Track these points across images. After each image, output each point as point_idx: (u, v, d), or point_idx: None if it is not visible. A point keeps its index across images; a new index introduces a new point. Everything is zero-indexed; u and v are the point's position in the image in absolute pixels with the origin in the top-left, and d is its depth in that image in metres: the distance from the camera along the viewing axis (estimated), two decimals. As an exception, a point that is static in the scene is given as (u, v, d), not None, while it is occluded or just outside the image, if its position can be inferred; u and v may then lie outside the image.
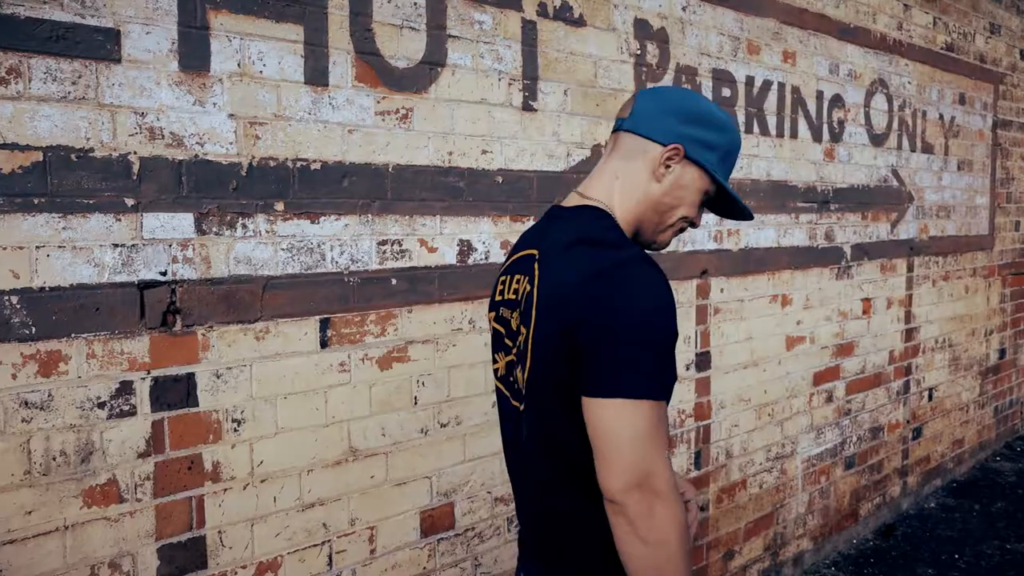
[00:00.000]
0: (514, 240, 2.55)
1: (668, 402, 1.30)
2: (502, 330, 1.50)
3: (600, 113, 2.80)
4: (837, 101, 3.92)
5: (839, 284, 4.03)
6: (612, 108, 2.83)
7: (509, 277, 1.49)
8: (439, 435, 2.40)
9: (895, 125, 4.37)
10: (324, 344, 2.13)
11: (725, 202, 1.49)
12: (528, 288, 1.37)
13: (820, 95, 3.81)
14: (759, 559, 3.67)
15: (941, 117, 4.80)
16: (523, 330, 1.37)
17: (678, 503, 1.24)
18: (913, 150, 4.55)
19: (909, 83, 4.47)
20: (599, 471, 1.24)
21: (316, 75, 2.09)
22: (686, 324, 3.19)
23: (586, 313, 1.24)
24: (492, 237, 2.50)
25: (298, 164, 2.06)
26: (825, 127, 3.84)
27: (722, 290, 3.35)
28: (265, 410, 2.02)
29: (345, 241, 2.16)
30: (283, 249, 2.04)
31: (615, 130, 1.46)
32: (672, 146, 1.38)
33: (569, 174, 2.71)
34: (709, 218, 3.24)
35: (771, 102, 3.52)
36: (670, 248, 3.08)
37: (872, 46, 4.14)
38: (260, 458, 2.02)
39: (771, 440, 3.69)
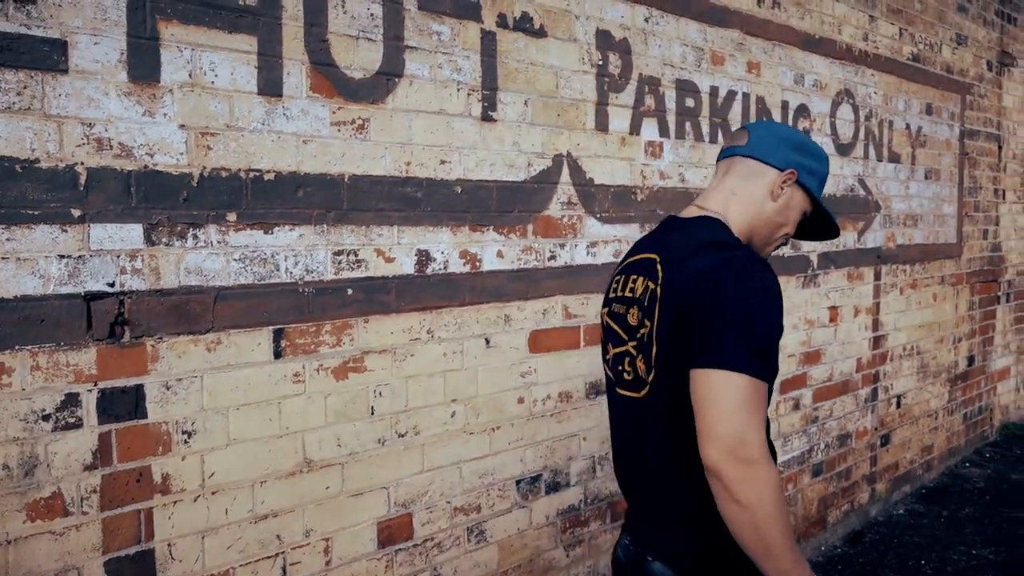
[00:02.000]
0: (474, 250, 2.56)
1: (771, 386, 1.44)
2: (614, 325, 1.68)
3: (561, 123, 2.81)
4: (803, 111, 3.96)
5: (805, 292, 4.06)
6: (573, 118, 2.85)
7: (624, 278, 1.68)
8: (397, 445, 2.40)
9: (861, 135, 4.42)
10: (278, 354, 2.12)
11: (813, 224, 1.74)
12: (652, 286, 1.55)
13: (785, 105, 3.84)
14: (726, 567, 3.68)
15: (908, 127, 4.85)
16: (647, 323, 1.54)
17: (771, 468, 1.36)
18: (880, 159, 4.59)
19: (875, 93, 4.52)
20: (700, 440, 1.38)
21: (270, 85, 2.09)
22: (650, 333, 3.20)
23: (701, 297, 1.42)
24: (451, 247, 2.50)
25: (251, 174, 2.06)
26: (790, 137, 3.87)
27: (687, 299, 3.36)
28: (217, 421, 2.02)
29: (300, 251, 2.16)
30: (235, 260, 2.03)
31: (728, 155, 1.69)
32: (789, 171, 1.62)
33: (530, 184, 2.72)
34: (673, 227, 3.26)
35: (736, 112, 3.55)
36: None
37: (838, 57, 4.18)
38: (212, 470, 2.01)
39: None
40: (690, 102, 3.32)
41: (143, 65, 1.87)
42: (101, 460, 1.83)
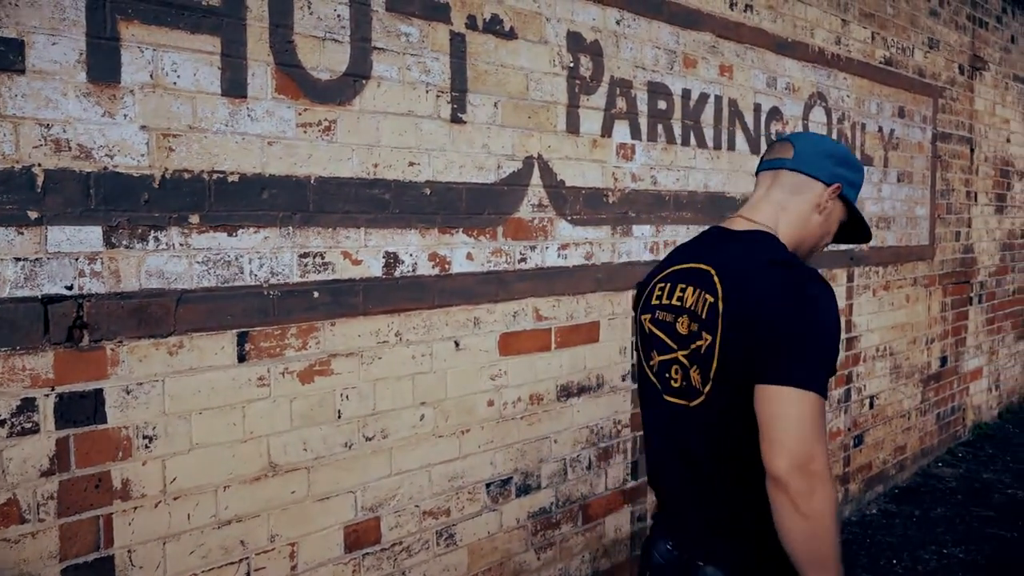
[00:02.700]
0: (443, 252, 2.55)
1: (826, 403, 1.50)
2: (659, 332, 1.71)
3: (532, 125, 2.81)
4: (775, 114, 3.98)
5: (778, 294, 4.07)
6: (544, 120, 2.84)
7: (670, 285, 1.71)
8: (364, 449, 2.38)
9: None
10: (242, 358, 2.10)
11: (847, 229, 1.82)
12: (710, 299, 1.58)
13: (758, 108, 3.86)
14: (698, 568, 3.70)
15: (880, 130, 4.89)
16: (705, 336, 1.56)
17: (833, 485, 1.44)
18: (852, 162, 4.62)
19: (848, 96, 4.55)
20: (766, 452, 1.43)
21: (234, 87, 2.07)
22: (622, 335, 3.21)
23: (771, 316, 1.47)
24: (420, 249, 2.49)
25: (215, 176, 2.04)
26: (763, 139, 3.90)
27: (659, 301, 3.37)
28: (179, 426, 1.99)
29: (264, 254, 2.14)
30: (198, 262, 2.01)
31: (773, 168, 1.73)
32: (836, 185, 1.69)
33: (500, 186, 2.71)
34: (644, 229, 3.27)
35: (708, 115, 3.57)
36: (604, 259, 3.10)
37: (810, 60, 4.21)
38: (173, 475, 1.99)
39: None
40: (662, 104, 3.33)
41: (103, 66, 1.85)
42: (59, 466, 1.81)
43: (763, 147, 3.89)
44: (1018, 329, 7.10)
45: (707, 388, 1.57)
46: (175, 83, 1.96)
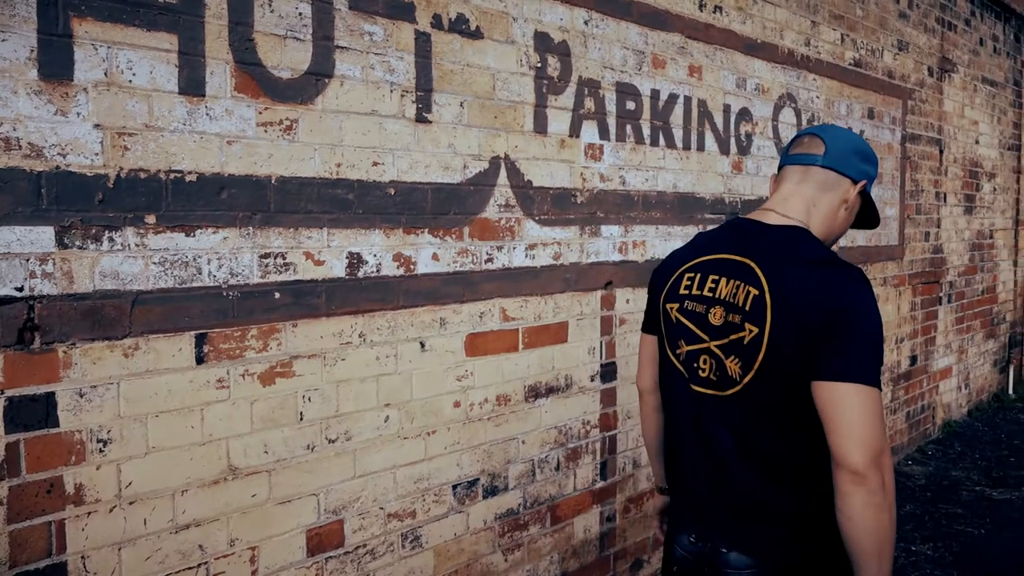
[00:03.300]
0: (408, 252, 2.53)
1: None
2: (688, 322, 1.75)
3: (499, 125, 2.80)
4: (745, 115, 3.99)
5: (748, 294, 4.09)
6: (511, 120, 2.83)
7: (699, 275, 1.75)
8: (327, 451, 2.36)
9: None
10: (200, 360, 2.08)
11: (858, 217, 1.88)
12: (754, 292, 1.62)
13: (727, 109, 3.87)
14: (668, 568, 3.70)
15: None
16: (749, 328, 1.61)
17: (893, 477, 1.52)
18: (822, 163, 4.64)
19: (817, 98, 4.58)
20: (840, 446, 1.48)
21: (192, 85, 2.04)
22: (590, 335, 3.21)
23: (830, 315, 1.53)
24: (384, 249, 2.47)
25: (172, 176, 2.01)
26: (733, 140, 3.91)
27: (628, 301, 3.37)
28: (135, 429, 1.96)
29: (224, 255, 2.11)
30: (155, 263, 1.98)
31: (803, 163, 1.75)
32: (863, 182, 1.76)
33: (466, 186, 2.70)
34: (613, 230, 3.27)
35: (677, 115, 3.57)
36: (572, 260, 3.09)
37: (780, 61, 4.23)
38: (129, 479, 1.96)
39: (680, 449, 3.72)
40: (631, 105, 3.33)
41: (55, 63, 1.82)
42: (8, 470, 1.77)
43: (733, 148, 3.91)
44: (987, 328, 7.19)
45: (747, 378, 1.61)
46: (130, 81, 1.93)
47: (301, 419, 2.29)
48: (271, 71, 2.19)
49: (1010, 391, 7.68)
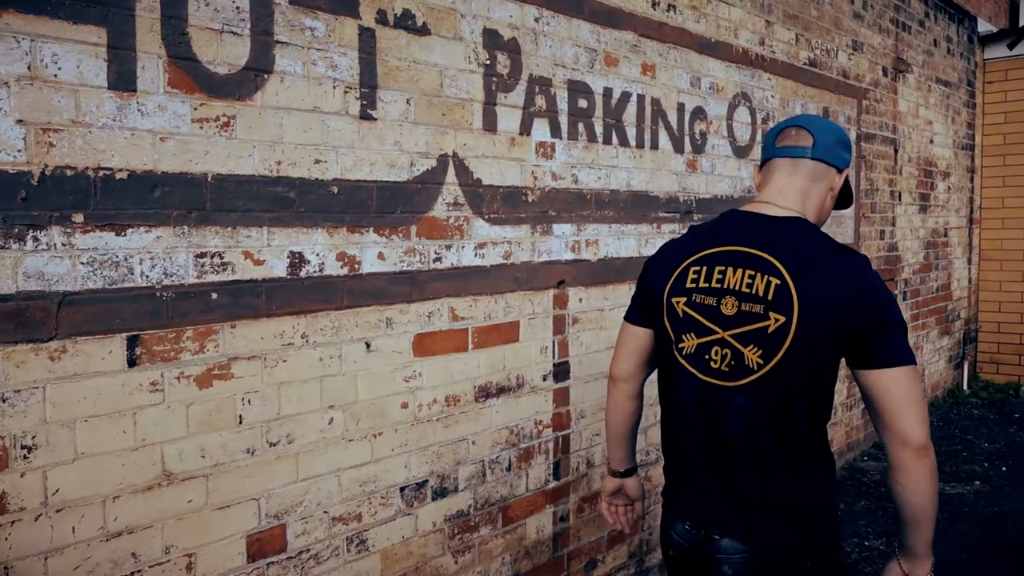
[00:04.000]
0: (353, 251, 2.49)
1: None
2: (696, 315, 1.79)
3: (447, 123, 2.76)
4: (699, 113, 4.00)
5: (703, 293, 4.10)
6: (460, 118, 2.80)
7: (706, 268, 1.79)
8: (268, 454, 2.31)
9: (759, 137, 4.49)
10: (132, 363, 2.02)
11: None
12: (776, 282, 1.68)
13: (681, 107, 3.88)
14: (623, 567, 3.70)
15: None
16: (775, 317, 1.67)
17: None
18: (777, 162, 4.67)
19: (772, 97, 4.61)
20: (903, 425, 1.60)
21: (122, 80, 1.98)
22: (543, 335, 3.19)
23: (866, 302, 1.64)
24: (327, 249, 2.43)
25: (101, 173, 1.95)
26: (687, 139, 3.92)
27: (581, 300, 3.36)
28: (62, 435, 1.90)
29: (157, 254, 2.06)
30: (83, 263, 1.92)
31: (793, 156, 1.83)
32: (847, 170, 1.88)
33: (413, 184, 2.66)
34: (565, 228, 3.25)
35: (630, 113, 3.57)
36: (524, 259, 3.07)
37: (734, 60, 4.24)
38: (56, 486, 1.89)
39: (636, 448, 3.71)
40: (583, 103, 3.31)
41: (-27, 56, 1.75)
42: (-76, 479, 1.71)
43: (687, 147, 3.91)
44: (942, 325, 7.30)
45: (768, 367, 1.68)
46: (56, 76, 1.87)
47: (240, 422, 2.24)
48: (207, 66, 2.14)
49: (965, 387, 7.81)
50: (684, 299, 1.82)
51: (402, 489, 2.69)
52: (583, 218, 3.34)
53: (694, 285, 1.81)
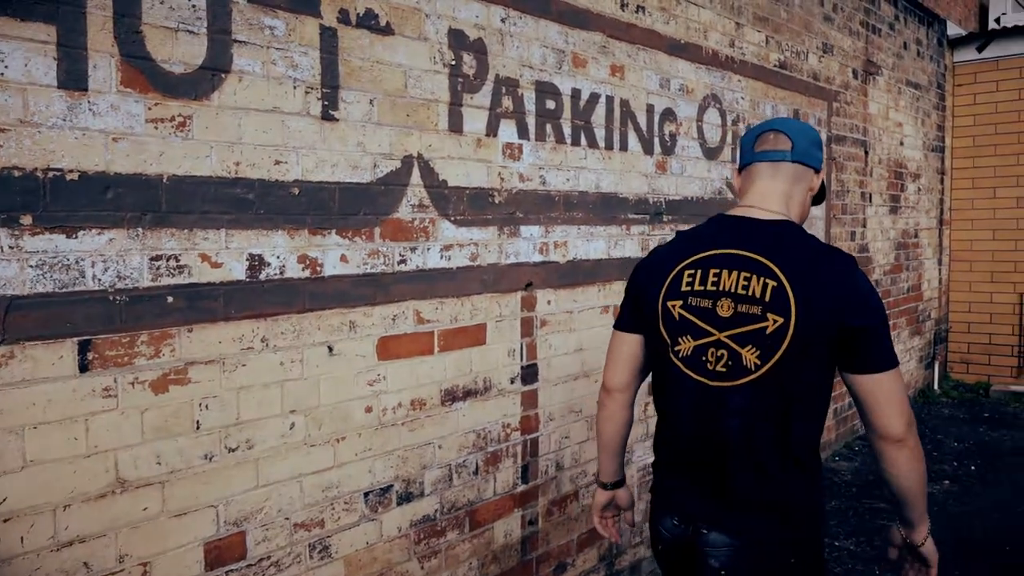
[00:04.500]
0: (314, 254, 2.45)
1: None
2: (693, 317, 1.82)
3: (412, 124, 2.73)
4: (669, 115, 4.00)
5: (674, 294, 4.10)
6: (425, 119, 2.78)
7: (700, 271, 1.83)
8: (227, 460, 2.27)
9: (729, 139, 4.50)
10: (84, 368, 1.97)
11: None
12: (772, 284, 1.73)
13: (651, 109, 3.87)
14: (594, 570, 3.69)
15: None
16: (773, 318, 1.72)
17: None
18: (748, 163, 4.69)
19: (743, 99, 4.62)
20: (886, 420, 1.72)
21: (73, 79, 1.94)
22: (510, 337, 3.17)
23: (858, 307, 1.71)
24: (288, 251, 2.39)
25: (51, 174, 1.90)
26: (657, 140, 3.91)
27: (549, 302, 3.34)
28: (9, 442, 1.85)
29: (110, 257, 2.01)
30: (32, 266, 1.88)
31: (773, 160, 1.89)
32: (822, 171, 1.97)
33: (377, 185, 2.63)
34: (533, 230, 3.23)
35: (599, 115, 3.55)
36: (491, 261, 3.05)
37: (704, 62, 4.25)
38: (3, 495, 1.85)
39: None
40: (551, 104, 3.30)
41: (-85, 53, 1.70)
42: None
43: (657, 148, 3.91)
44: (913, 325, 7.36)
45: (766, 366, 1.73)
46: (2, 74, 1.82)
47: (198, 428, 2.20)
48: (162, 65, 2.10)
49: (936, 387, 7.89)
50: (680, 302, 1.85)
51: (366, 494, 2.66)
52: (551, 220, 3.32)
53: (689, 288, 1.84)
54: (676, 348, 1.85)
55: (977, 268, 7.98)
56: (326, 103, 2.48)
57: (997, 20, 8.90)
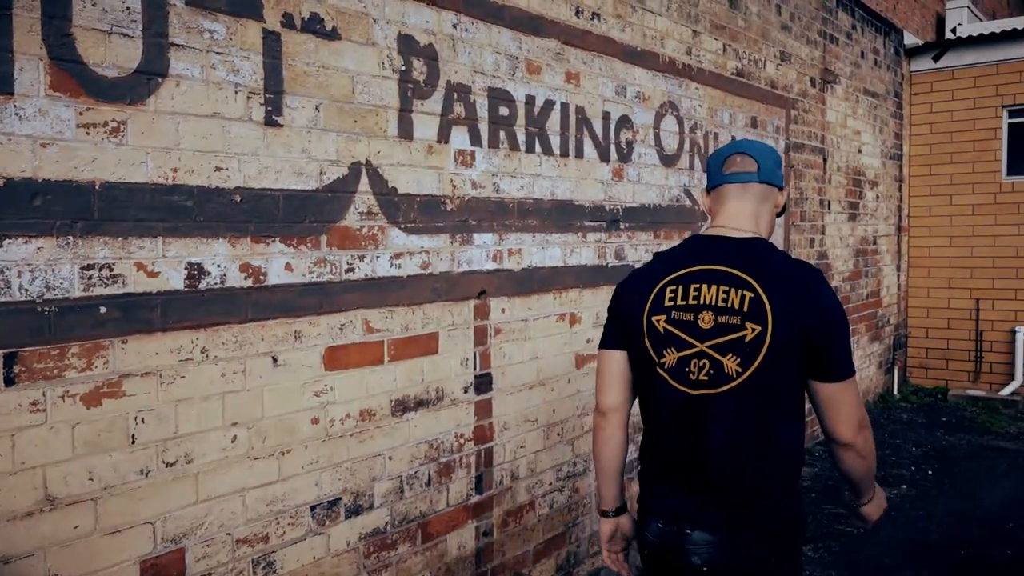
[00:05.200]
0: (257, 262, 2.40)
1: None
2: (676, 330, 1.90)
3: (360, 130, 2.69)
4: (625, 122, 3.99)
5: (631, 301, 4.09)
6: (373, 125, 2.74)
7: (682, 287, 1.92)
8: (164, 475, 2.21)
9: (687, 146, 4.51)
10: (10, 381, 1.90)
11: None
12: (749, 295, 1.83)
13: (607, 116, 3.86)
14: (551, 580, 3.66)
15: (734, 139, 5.00)
16: (752, 327, 1.81)
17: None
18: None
19: (700, 106, 4.63)
20: (836, 426, 1.84)
21: (-3, 82, 1.87)
22: (463, 346, 3.13)
23: (824, 319, 1.81)
24: (229, 260, 2.33)
25: (-27, 181, 1.84)
26: (613, 147, 3.91)
27: (503, 310, 3.31)
28: (-72, 460, 1.78)
29: (38, 266, 1.95)
30: (-48, 276, 1.81)
31: (742, 181, 1.97)
32: (786, 188, 2.03)
33: (323, 193, 2.58)
34: (486, 238, 3.20)
35: (554, 122, 3.54)
36: (443, 269, 3.01)
37: (661, 70, 4.25)
38: (-79, 515, 1.77)
39: (562, 459, 3.68)
40: (504, 111, 3.27)
41: None
42: None
43: (613, 156, 3.90)
44: (872, 331, 7.44)
45: (746, 373, 1.82)
46: (-79, 77, 1.76)
47: (133, 442, 2.14)
48: (94, 69, 2.04)
49: (895, 391, 7.98)
50: (664, 316, 1.93)
51: (313, 508, 2.60)
52: (505, 227, 3.29)
53: (672, 303, 1.92)
54: (662, 360, 1.92)
55: (935, 274, 8.09)
56: (269, 108, 2.43)
57: (953, 30, 9.06)
